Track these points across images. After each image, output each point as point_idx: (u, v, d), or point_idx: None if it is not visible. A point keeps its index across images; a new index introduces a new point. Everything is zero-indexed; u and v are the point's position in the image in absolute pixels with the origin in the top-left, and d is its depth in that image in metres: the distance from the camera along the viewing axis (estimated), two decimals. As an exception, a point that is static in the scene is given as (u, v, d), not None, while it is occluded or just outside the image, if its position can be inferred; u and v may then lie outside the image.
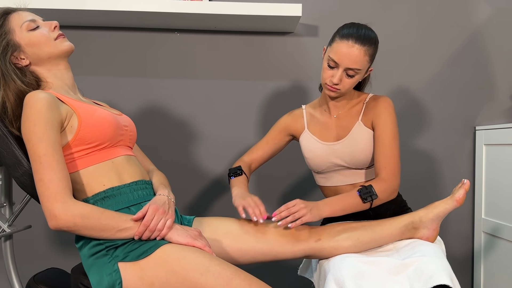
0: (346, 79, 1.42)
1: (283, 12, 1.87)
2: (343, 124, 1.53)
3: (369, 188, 1.38)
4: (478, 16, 2.16)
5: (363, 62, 1.39)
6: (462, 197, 1.36)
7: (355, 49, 1.37)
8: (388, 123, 1.44)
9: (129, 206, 1.21)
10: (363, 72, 1.43)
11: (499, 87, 2.17)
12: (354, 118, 1.52)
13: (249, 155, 1.65)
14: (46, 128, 1.11)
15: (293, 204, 1.37)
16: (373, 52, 1.42)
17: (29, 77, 1.25)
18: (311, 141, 1.56)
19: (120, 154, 1.27)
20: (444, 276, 1.14)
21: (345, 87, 1.43)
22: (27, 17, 1.27)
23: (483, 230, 2.07)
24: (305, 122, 1.60)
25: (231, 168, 1.58)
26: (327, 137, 1.54)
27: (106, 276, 1.10)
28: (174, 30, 2.12)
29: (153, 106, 2.11)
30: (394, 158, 1.41)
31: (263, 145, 1.65)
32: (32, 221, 2.05)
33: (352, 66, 1.38)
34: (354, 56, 1.37)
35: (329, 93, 1.46)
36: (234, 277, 1.08)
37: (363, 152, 1.48)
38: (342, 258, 1.29)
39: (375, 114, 1.47)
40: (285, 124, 1.63)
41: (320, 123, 1.57)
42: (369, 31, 1.42)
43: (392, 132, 1.44)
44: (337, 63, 1.39)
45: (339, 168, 1.53)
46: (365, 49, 1.38)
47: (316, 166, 1.55)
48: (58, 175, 1.09)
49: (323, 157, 1.52)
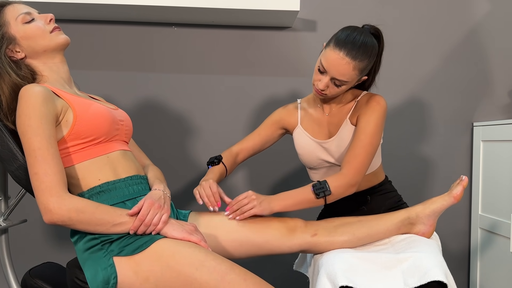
0: (333, 87, 1.40)
1: (281, 7, 1.86)
2: (334, 122, 1.52)
3: (323, 183, 1.35)
4: (476, 12, 2.15)
5: (350, 75, 1.35)
6: (460, 194, 1.36)
7: (344, 62, 1.33)
8: (370, 121, 1.39)
9: (124, 201, 1.21)
10: (352, 83, 1.41)
11: (496, 84, 2.16)
12: (344, 116, 1.50)
13: (239, 145, 1.63)
14: (41, 122, 1.11)
15: (244, 196, 1.37)
16: (365, 65, 1.37)
17: (24, 70, 1.24)
18: (303, 137, 1.55)
19: (116, 149, 1.27)
20: (439, 272, 1.14)
21: (331, 93, 1.41)
22: (22, 9, 1.26)
23: (480, 226, 2.07)
24: (299, 117, 1.59)
25: (212, 157, 1.57)
26: (318, 134, 1.54)
27: (101, 271, 1.10)
28: (171, 24, 2.11)
29: (150, 101, 2.10)
30: (362, 155, 1.37)
31: (254, 136, 1.63)
32: (27, 215, 2.04)
33: (339, 77, 1.35)
34: (342, 69, 1.34)
35: (317, 95, 1.45)
36: (229, 271, 1.08)
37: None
38: (336, 253, 1.29)
39: (360, 111, 1.44)
40: (279, 117, 1.62)
41: (313, 120, 1.56)
42: (368, 39, 1.36)
43: (371, 130, 1.39)
44: (325, 70, 1.37)
45: (330, 165, 1.53)
46: (354, 64, 1.33)
47: (308, 162, 1.56)
48: (53, 169, 1.08)
49: (314, 154, 1.53)
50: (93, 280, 1.10)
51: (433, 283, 1.15)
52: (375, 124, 1.39)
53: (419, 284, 1.15)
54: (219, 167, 1.54)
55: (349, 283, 1.15)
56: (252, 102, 2.13)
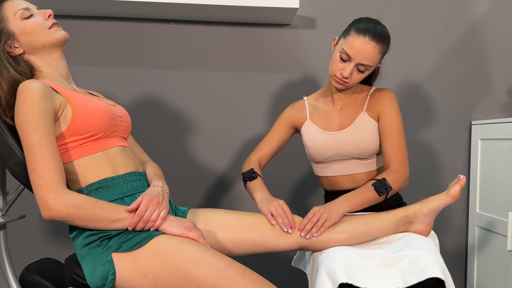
0: (356, 74, 1.43)
1: (281, 4, 1.86)
2: (347, 114, 1.53)
3: (383, 181, 1.41)
4: (475, 10, 2.15)
5: (375, 59, 1.41)
6: (458, 193, 1.37)
7: (370, 46, 1.38)
8: (394, 114, 1.47)
9: (123, 197, 1.21)
10: (372, 69, 1.45)
11: (495, 82, 2.17)
12: (358, 109, 1.53)
13: (256, 153, 1.63)
14: (40, 117, 1.11)
15: (312, 214, 1.38)
16: (386, 50, 1.44)
17: (23, 66, 1.24)
18: (313, 130, 1.55)
19: (114, 145, 1.27)
20: (437, 269, 1.15)
21: (353, 81, 1.44)
22: (21, 5, 1.26)
23: (478, 224, 2.08)
24: (307, 112, 1.60)
25: (244, 172, 1.56)
26: (329, 127, 1.54)
27: (99, 267, 1.10)
28: (170, 20, 2.10)
29: (149, 97, 2.10)
30: (403, 148, 1.45)
31: (269, 142, 1.63)
32: (26, 211, 2.04)
33: (365, 62, 1.40)
34: (368, 53, 1.38)
35: (336, 85, 1.47)
36: (227, 268, 1.08)
37: (367, 141, 1.49)
38: (335, 251, 1.29)
39: (380, 106, 1.49)
40: (288, 117, 1.63)
41: (323, 113, 1.57)
42: (384, 28, 1.43)
43: (398, 123, 1.47)
44: (350, 57, 1.40)
45: (340, 158, 1.52)
46: (379, 47, 1.40)
47: (317, 156, 1.55)
48: (52, 165, 1.08)
49: (325, 147, 1.52)
50: (92, 276, 1.10)
51: (430, 280, 1.15)
52: (399, 116, 1.48)
53: (417, 281, 1.16)
54: (259, 181, 1.54)
55: (349, 280, 1.16)
56: (251, 99, 2.12)
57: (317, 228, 1.35)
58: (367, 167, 1.53)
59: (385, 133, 1.47)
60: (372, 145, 1.49)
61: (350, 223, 1.38)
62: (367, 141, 1.49)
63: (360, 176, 1.53)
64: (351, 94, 1.56)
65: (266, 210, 1.39)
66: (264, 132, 2.12)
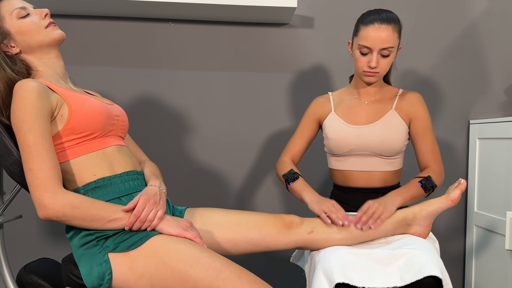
0: (382, 60, 1.45)
1: (279, 3, 1.86)
2: (375, 110, 1.54)
3: (429, 179, 1.45)
4: (473, 9, 2.15)
5: (393, 39, 1.43)
6: (458, 197, 1.37)
7: (383, 29, 1.42)
8: (427, 117, 1.53)
9: (120, 197, 1.21)
10: (395, 49, 1.47)
11: (493, 81, 2.17)
12: (387, 106, 1.54)
13: (288, 153, 1.63)
14: (36, 117, 1.10)
15: (367, 207, 1.38)
16: (399, 28, 1.46)
17: (19, 65, 1.24)
18: (336, 123, 1.55)
19: (111, 144, 1.26)
20: (434, 268, 1.15)
21: (382, 68, 1.46)
22: (17, 4, 1.25)
23: (476, 224, 2.08)
24: (332, 105, 1.60)
25: (285, 174, 1.55)
26: (355, 121, 1.54)
27: (96, 267, 1.10)
28: (168, 20, 2.10)
29: (146, 97, 2.10)
30: (437, 149, 1.53)
31: (298, 140, 1.63)
32: (23, 211, 2.04)
33: (385, 45, 1.42)
34: (384, 36, 1.42)
35: (369, 79, 1.49)
36: (223, 268, 1.08)
37: (392, 139, 1.49)
38: (332, 250, 1.29)
39: (413, 109, 1.52)
40: (313, 112, 1.62)
41: (348, 107, 1.57)
42: (388, 12, 1.46)
43: (431, 125, 1.54)
44: (369, 48, 1.44)
45: (362, 152, 1.52)
46: (392, 27, 1.43)
47: (338, 148, 1.54)
48: (48, 164, 1.08)
49: (347, 140, 1.52)
50: (88, 276, 1.10)
51: (428, 278, 1.15)
52: (429, 119, 1.54)
53: (414, 280, 1.16)
54: (302, 181, 1.54)
55: (346, 280, 1.16)
56: (249, 98, 2.12)
57: (373, 220, 1.35)
58: (386, 166, 1.52)
59: (421, 135, 1.52)
60: (397, 144, 1.50)
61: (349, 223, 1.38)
62: (393, 139, 1.49)
63: (376, 174, 1.52)
64: (379, 90, 1.57)
65: (319, 210, 1.40)
66: (262, 132, 2.12)
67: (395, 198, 1.40)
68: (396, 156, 1.53)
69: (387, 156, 1.51)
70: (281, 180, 1.59)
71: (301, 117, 1.66)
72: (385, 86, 1.59)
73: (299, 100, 2.13)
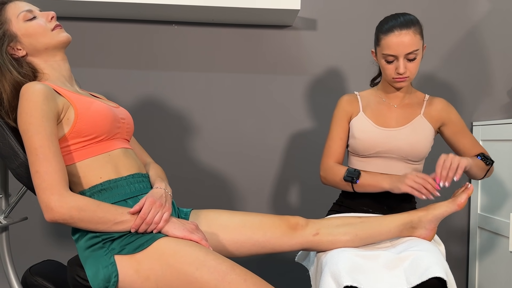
0: (410, 64, 1.45)
1: (282, 5, 1.86)
2: (403, 115, 1.55)
3: (485, 154, 1.54)
4: (476, 11, 2.16)
5: (416, 41, 1.43)
6: (464, 202, 1.37)
7: (404, 35, 1.42)
8: (459, 118, 1.58)
9: (126, 199, 1.21)
10: (421, 51, 1.47)
11: (496, 83, 2.17)
12: (416, 111, 1.55)
13: (331, 157, 1.58)
14: (43, 120, 1.11)
15: (443, 160, 1.38)
16: (420, 29, 1.46)
17: (25, 68, 1.24)
18: (365, 123, 1.55)
19: (117, 147, 1.27)
20: (439, 270, 1.15)
21: (412, 72, 1.47)
22: (24, 7, 1.26)
23: (479, 226, 2.08)
24: (360, 105, 1.59)
25: (346, 175, 1.49)
26: (383, 123, 1.54)
27: (102, 269, 1.10)
28: (172, 22, 2.10)
29: (150, 99, 2.10)
30: (477, 141, 1.60)
31: (338, 142, 1.58)
32: (28, 213, 2.05)
33: (409, 50, 1.42)
34: (407, 41, 1.42)
35: (400, 85, 1.50)
36: (229, 272, 1.08)
37: (420, 144, 1.50)
38: (339, 252, 1.29)
39: (443, 113, 1.56)
40: (344, 112, 1.59)
41: (377, 109, 1.57)
42: (406, 15, 1.46)
43: (464, 123, 1.59)
44: (394, 56, 1.44)
45: (388, 155, 1.52)
46: (413, 30, 1.43)
47: (364, 149, 1.53)
48: (55, 167, 1.08)
49: (376, 141, 1.51)
50: (94, 278, 1.10)
51: (433, 280, 1.15)
52: (461, 118, 1.59)
53: (420, 281, 1.16)
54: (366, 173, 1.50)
55: (354, 283, 1.16)
56: (252, 100, 2.13)
57: (453, 171, 1.36)
58: (408, 171, 1.52)
59: (460, 135, 1.57)
60: (424, 149, 1.51)
61: (355, 225, 1.37)
62: (420, 143, 1.50)
63: None
64: (405, 96, 1.58)
65: (406, 188, 1.39)
66: (265, 134, 2.13)
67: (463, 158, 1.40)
68: (420, 161, 1.55)
69: (412, 160, 1.52)
70: (338, 185, 1.53)
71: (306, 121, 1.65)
72: (413, 91, 1.60)
73: (302, 102, 2.13)
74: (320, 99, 2.13)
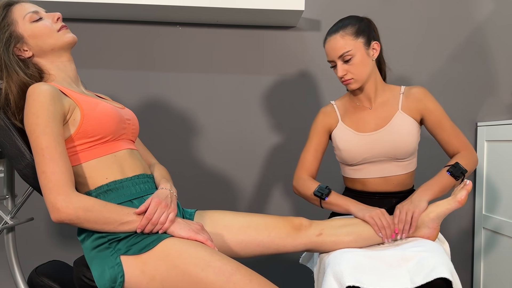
0: (348, 66, 1.46)
1: (286, 6, 1.87)
2: (381, 115, 1.53)
3: (457, 165, 1.42)
4: (480, 11, 2.15)
5: (346, 43, 1.44)
6: (464, 198, 1.36)
7: (332, 40, 1.47)
8: (437, 107, 1.51)
9: (131, 200, 1.21)
10: (359, 50, 1.45)
11: (501, 83, 2.16)
12: (393, 108, 1.52)
13: (304, 169, 1.59)
14: (49, 120, 1.11)
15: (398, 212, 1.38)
16: (353, 30, 1.46)
17: (32, 69, 1.25)
18: (346, 133, 1.54)
19: (123, 147, 1.27)
20: (444, 270, 1.15)
21: (354, 72, 1.46)
22: (30, 8, 1.26)
23: (484, 226, 2.07)
24: (339, 115, 1.59)
25: (316, 190, 1.50)
26: (363, 128, 1.53)
27: (108, 269, 1.10)
28: (176, 23, 2.11)
29: (155, 100, 2.11)
30: (460, 133, 1.50)
31: (313, 154, 1.60)
32: (34, 214, 2.05)
33: (339, 53, 1.45)
34: (334, 45, 1.46)
35: (349, 87, 1.49)
36: (234, 272, 1.08)
37: (405, 141, 1.48)
38: (342, 253, 1.29)
39: (421, 104, 1.50)
40: (322, 124, 1.60)
41: (354, 115, 1.56)
42: (348, 19, 1.49)
43: (444, 113, 1.51)
44: (332, 60, 1.48)
45: (376, 159, 1.51)
46: (340, 34, 1.45)
47: (351, 158, 1.53)
48: (61, 168, 1.09)
49: (360, 148, 1.51)
50: (100, 279, 1.11)
51: (438, 280, 1.15)
52: (440, 107, 1.51)
53: (424, 282, 1.15)
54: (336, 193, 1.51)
55: (356, 283, 1.16)
56: (257, 101, 2.13)
57: (408, 224, 1.35)
58: (403, 168, 1.52)
59: (438, 126, 1.50)
60: (410, 144, 1.49)
61: (358, 226, 1.37)
62: (405, 140, 1.48)
63: (392, 179, 1.52)
64: (378, 93, 1.55)
65: (370, 219, 1.38)
66: (268, 134, 2.13)
67: (422, 193, 1.39)
68: (411, 157, 1.52)
69: (402, 158, 1.50)
70: (307, 198, 1.54)
71: (310, 122, 1.65)
72: (386, 87, 1.57)
73: (306, 103, 2.13)
74: (325, 100, 2.14)
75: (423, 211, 1.36)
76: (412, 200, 1.38)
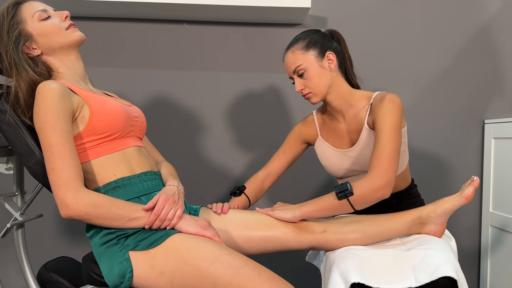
0: (304, 80, 1.45)
1: (292, 4, 1.87)
2: (353, 129, 1.49)
3: (344, 184, 1.27)
4: (487, 8, 2.14)
5: (296, 58, 1.44)
6: (471, 194, 1.35)
7: (285, 57, 1.48)
8: (386, 119, 1.32)
9: (139, 196, 1.22)
10: (310, 63, 1.43)
11: (508, 81, 2.15)
12: (362, 122, 1.46)
13: (265, 169, 1.64)
14: (58, 118, 1.12)
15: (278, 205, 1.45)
16: (304, 44, 1.44)
17: (40, 67, 1.26)
18: (325, 148, 1.55)
19: (131, 145, 1.28)
20: (450, 269, 1.14)
21: (311, 86, 1.44)
22: (38, 7, 1.28)
23: (491, 224, 2.07)
24: (318, 128, 1.59)
25: (236, 186, 1.57)
26: (340, 144, 1.52)
27: (117, 265, 1.11)
28: (182, 21, 2.12)
29: (161, 97, 2.12)
30: (386, 154, 1.27)
31: (279, 157, 1.64)
32: (43, 210, 2.07)
33: (292, 68, 1.45)
34: (287, 61, 1.47)
35: (310, 101, 1.48)
36: (243, 266, 1.09)
37: None
38: (348, 250, 1.29)
39: (376, 113, 1.36)
40: (299, 132, 1.62)
41: (331, 130, 1.55)
42: (301, 33, 1.48)
43: (390, 128, 1.30)
44: (290, 77, 1.49)
45: (358, 173, 1.51)
46: (291, 50, 1.45)
47: (334, 172, 1.55)
48: (70, 164, 1.10)
49: (339, 164, 1.51)
50: (109, 274, 1.12)
51: (443, 279, 1.14)
52: (392, 121, 1.31)
53: (429, 280, 1.15)
54: (240, 199, 1.56)
55: (361, 280, 1.16)
56: (263, 99, 2.13)
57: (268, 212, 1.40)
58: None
59: (375, 136, 1.33)
60: None
61: (363, 223, 1.37)
62: None
63: None
64: (348, 106, 1.49)
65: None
66: (274, 132, 2.13)
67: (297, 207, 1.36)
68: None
69: None
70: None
71: None
72: (356, 96, 1.48)
73: (313, 100, 2.13)
74: (331, 97, 2.14)
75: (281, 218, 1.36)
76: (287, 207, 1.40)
